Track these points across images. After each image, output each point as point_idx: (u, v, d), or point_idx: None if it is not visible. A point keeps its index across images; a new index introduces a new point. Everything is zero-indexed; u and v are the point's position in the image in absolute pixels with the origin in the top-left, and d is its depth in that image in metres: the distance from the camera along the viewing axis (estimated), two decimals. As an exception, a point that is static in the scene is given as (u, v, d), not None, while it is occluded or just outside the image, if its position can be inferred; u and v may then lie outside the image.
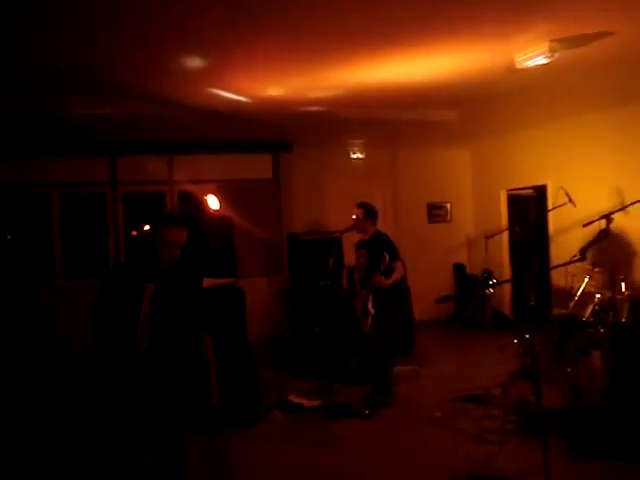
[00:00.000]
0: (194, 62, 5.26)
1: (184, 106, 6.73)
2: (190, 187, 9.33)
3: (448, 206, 11.55)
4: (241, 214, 8.86)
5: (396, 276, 6.45)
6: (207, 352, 4.13)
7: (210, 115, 7.22)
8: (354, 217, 6.66)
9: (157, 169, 9.58)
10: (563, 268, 6.27)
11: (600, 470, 4.63)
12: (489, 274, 10.01)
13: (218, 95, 6.37)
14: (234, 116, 7.36)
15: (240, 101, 6.64)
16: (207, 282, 6.48)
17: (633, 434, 4.98)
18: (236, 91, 6.30)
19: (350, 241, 7.25)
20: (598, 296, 6.21)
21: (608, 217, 5.42)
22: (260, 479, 4.90)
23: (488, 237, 10.11)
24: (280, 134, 9.50)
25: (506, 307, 10.41)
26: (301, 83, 6.16)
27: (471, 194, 11.63)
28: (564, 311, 6.78)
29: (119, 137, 8.86)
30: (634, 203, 5.87)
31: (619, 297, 6.00)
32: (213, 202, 7.23)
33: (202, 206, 7.71)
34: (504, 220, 10.79)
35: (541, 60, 5.32)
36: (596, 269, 6.44)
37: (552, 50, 5.13)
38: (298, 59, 5.35)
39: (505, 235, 10.68)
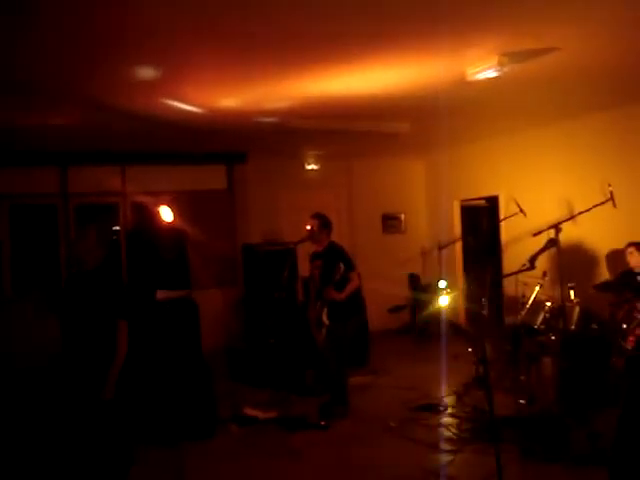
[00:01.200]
0: (145, 72, 5.20)
1: (136, 116, 6.66)
2: (143, 198, 9.21)
3: (402, 217, 11.65)
4: (195, 225, 8.78)
5: (351, 287, 6.47)
6: (119, 342, 4.14)
7: (163, 126, 7.16)
8: (308, 228, 6.67)
9: (109, 180, 9.44)
10: (515, 277, 6.39)
11: (551, 474, 4.70)
12: (443, 284, 10.10)
13: (171, 106, 6.32)
14: (188, 127, 7.31)
15: (193, 112, 6.60)
16: (161, 295, 6.42)
17: (581, 438, 5.09)
18: (189, 102, 6.26)
19: (305, 252, 7.26)
20: (549, 304, 6.34)
21: (557, 227, 5.54)
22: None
23: (442, 247, 10.24)
24: (235, 145, 9.47)
25: (460, 316, 10.53)
26: (255, 94, 6.15)
27: (425, 205, 11.76)
28: (516, 319, 6.90)
29: (70, 147, 8.71)
30: (582, 213, 6.00)
31: (569, 305, 6.12)
32: (166, 214, 7.15)
33: (155, 218, 7.61)
34: (457, 230, 10.93)
35: (491, 73, 5.43)
36: (546, 278, 6.57)
37: (501, 64, 5.23)
38: (251, 70, 5.34)
39: (458, 245, 10.83)
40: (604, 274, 7.58)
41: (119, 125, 7.16)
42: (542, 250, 5.53)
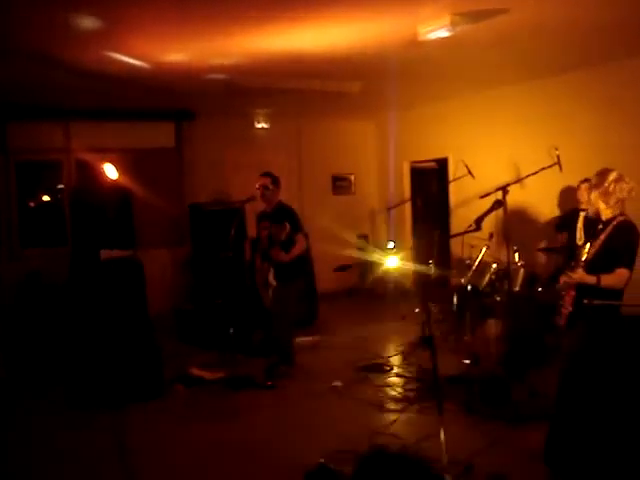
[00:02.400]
0: (85, 22, 4.96)
1: (79, 70, 6.40)
2: (88, 156, 8.93)
3: (352, 178, 11.61)
4: (142, 184, 8.57)
5: (297, 249, 6.43)
6: None
7: (109, 80, 6.91)
8: (259, 186, 6.58)
9: (53, 136, 9.12)
10: (462, 239, 6.43)
11: (492, 432, 4.79)
12: (391, 245, 10.16)
13: (116, 59, 6.08)
14: (134, 82, 7.07)
15: (139, 66, 6.38)
16: (105, 254, 6.27)
17: (523, 396, 5.21)
18: (134, 55, 6.03)
19: (253, 211, 7.18)
20: (494, 266, 6.41)
21: (504, 189, 5.56)
22: (160, 454, 4.77)
23: (390, 208, 10.29)
24: (183, 102, 9.23)
25: (407, 277, 10.62)
26: (202, 49, 5.97)
27: (375, 166, 11.74)
28: (463, 281, 6.97)
29: (10, 101, 8.35)
30: (529, 175, 6.05)
31: (513, 267, 6.20)
32: (111, 171, 6.93)
33: (100, 175, 7.40)
34: (406, 192, 10.98)
35: (443, 33, 5.38)
36: (493, 240, 6.64)
37: (453, 24, 5.18)
38: (197, 23, 5.16)
39: (407, 207, 10.89)
40: (547, 236, 7.71)
41: (62, 79, 6.88)
42: (489, 211, 5.55)
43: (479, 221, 5.34)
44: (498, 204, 5.40)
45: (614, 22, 5.52)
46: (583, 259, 3.87)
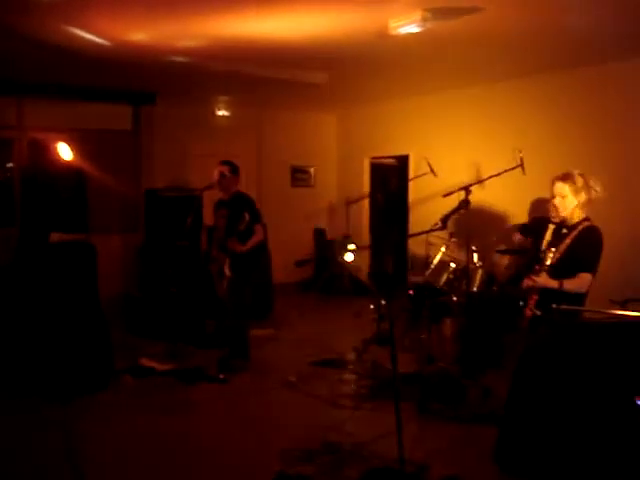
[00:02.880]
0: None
1: (37, 43, 6.14)
2: (42, 134, 8.63)
3: (312, 170, 11.52)
4: (97, 166, 8.34)
5: (255, 240, 6.33)
6: None
7: (67, 56, 6.65)
8: (217, 174, 6.45)
9: (4, 112, 8.78)
10: (421, 237, 6.41)
11: (446, 432, 4.77)
12: (348, 240, 10.11)
13: (75, 34, 5.85)
14: (93, 60, 6.82)
15: (100, 44, 6.15)
16: (55, 237, 6.06)
17: (477, 397, 5.21)
18: (95, 32, 5.82)
19: (211, 200, 7.04)
20: (453, 265, 6.40)
21: (467, 189, 5.55)
22: (106, 448, 4.60)
23: (349, 203, 10.26)
24: (143, 85, 8.99)
25: (363, 273, 10.59)
26: (167, 30, 5.77)
27: (335, 160, 11.67)
28: (420, 279, 6.96)
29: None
30: (492, 177, 6.05)
31: (472, 267, 6.20)
32: (65, 151, 6.71)
33: (53, 155, 7.15)
34: (366, 187, 10.94)
35: (413, 28, 5.33)
36: (452, 239, 6.63)
37: (424, 19, 5.13)
38: (163, 3, 4.99)
39: (366, 202, 10.85)
40: (507, 238, 7.74)
41: (16, 50, 6.60)
42: (455, 210, 5.53)
43: (445, 220, 5.31)
44: (465, 203, 5.38)
45: (583, 29, 5.55)
46: (548, 263, 3.86)
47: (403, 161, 10.16)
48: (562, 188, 4.01)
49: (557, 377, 3.85)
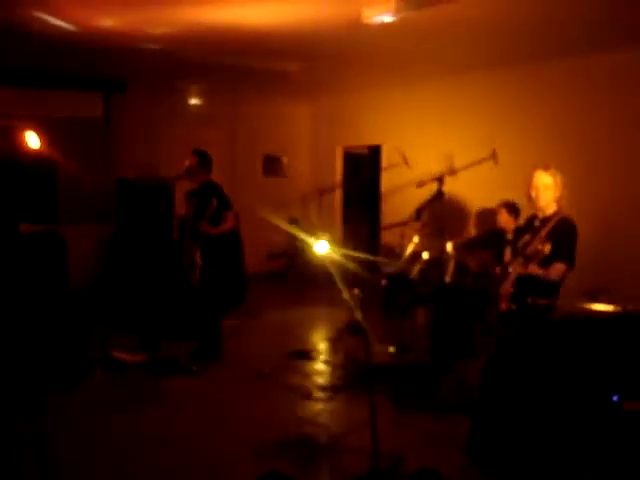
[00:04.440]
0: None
1: (3, 29, 6.00)
2: (9, 122, 8.43)
3: (285, 160, 11.45)
4: (66, 155, 8.17)
5: (226, 226, 6.30)
6: None
7: (35, 43, 6.51)
8: (187, 163, 6.40)
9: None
10: (396, 228, 6.41)
11: (419, 423, 4.79)
12: (321, 230, 10.08)
13: (43, 19, 5.71)
14: (62, 47, 6.69)
15: (69, 30, 6.02)
16: (25, 228, 5.94)
17: (450, 387, 5.23)
18: (64, 18, 5.69)
19: (183, 189, 6.96)
20: (425, 256, 6.40)
21: (441, 179, 5.55)
22: (76, 445, 4.50)
23: (322, 193, 10.21)
24: (114, 72, 8.84)
25: (336, 263, 10.56)
26: (139, 16, 5.68)
27: (308, 149, 11.62)
28: (392, 269, 6.96)
29: None
30: (465, 167, 6.06)
31: (445, 257, 6.21)
32: (33, 140, 6.56)
33: (20, 144, 6.99)
34: (338, 177, 10.92)
35: (387, 17, 5.31)
36: (425, 230, 6.63)
37: (398, 8, 5.11)
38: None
39: (339, 192, 10.83)
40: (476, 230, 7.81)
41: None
42: (429, 202, 5.53)
43: (420, 211, 5.30)
44: (439, 195, 5.38)
45: (559, 20, 5.57)
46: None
47: (375, 151, 10.15)
48: (545, 178, 4.02)
49: (530, 373, 3.87)
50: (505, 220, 6.61)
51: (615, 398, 3.48)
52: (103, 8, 5.46)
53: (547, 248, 3.67)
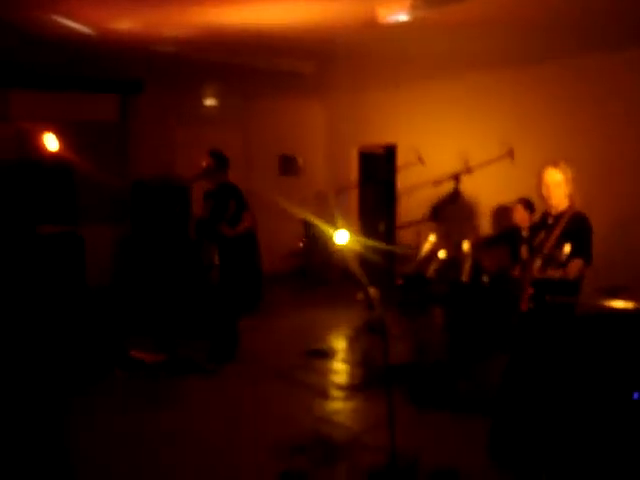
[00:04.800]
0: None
1: (20, 33, 6.05)
2: (28, 126, 8.50)
3: (300, 159, 11.47)
4: (84, 158, 8.23)
5: (243, 226, 6.33)
6: None
7: (53, 46, 6.56)
8: (204, 164, 6.42)
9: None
10: (410, 227, 6.40)
11: (438, 422, 4.79)
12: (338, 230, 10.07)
13: (61, 24, 5.76)
14: (79, 50, 6.74)
15: (85, 33, 6.06)
16: (44, 229, 6.00)
17: (467, 386, 5.22)
18: (80, 21, 5.72)
19: (199, 190, 7.00)
20: (441, 255, 6.39)
21: (457, 178, 5.53)
22: (97, 445, 4.53)
23: (338, 193, 10.21)
24: (130, 74, 8.89)
25: (352, 262, 10.55)
26: (154, 19, 5.69)
27: (323, 149, 11.62)
28: (409, 268, 6.95)
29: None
30: (481, 165, 6.02)
31: (461, 256, 6.20)
32: (51, 142, 6.61)
33: (39, 146, 7.05)
34: (354, 176, 10.90)
35: (402, 16, 5.29)
36: (441, 228, 6.62)
37: (414, 7, 5.09)
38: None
39: (355, 192, 10.82)
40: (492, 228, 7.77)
41: (1, 42, 6.50)
42: (446, 202, 5.51)
43: (436, 210, 5.28)
44: (456, 194, 5.37)
45: (574, 17, 5.53)
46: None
47: (390, 150, 10.12)
48: (556, 175, 3.99)
49: (551, 372, 3.86)
50: (521, 217, 6.53)
51: (636, 396, 3.46)
52: (118, 10, 5.49)
53: (567, 249, 3.63)
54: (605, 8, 5.25)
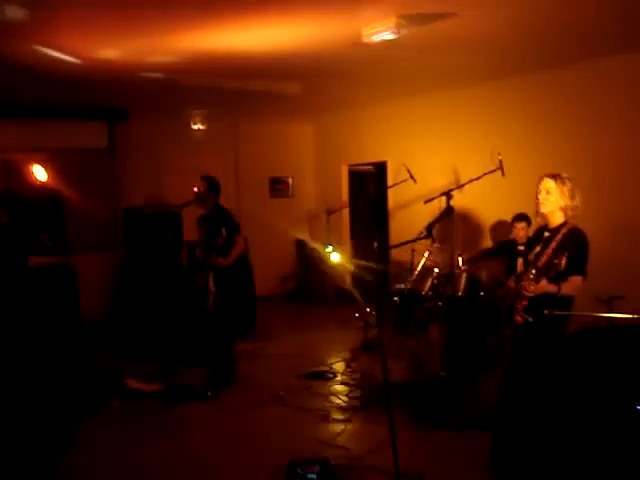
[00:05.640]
0: (13, 12, 4.65)
1: (6, 64, 6.04)
2: (14, 156, 8.47)
3: (290, 181, 11.48)
4: (72, 186, 8.21)
5: (236, 251, 6.33)
6: None
7: (38, 76, 6.54)
8: (195, 190, 6.43)
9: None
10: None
11: (438, 440, 4.75)
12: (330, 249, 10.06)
13: (45, 54, 5.75)
14: (65, 79, 6.73)
15: (69, 62, 6.06)
16: (34, 260, 5.95)
17: (467, 403, 5.18)
18: (65, 51, 5.72)
19: (191, 215, 6.98)
20: (437, 271, 6.38)
21: (448, 194, 5.53)
22: (94, 475, 4.48)
23: (330, 212, 10.19)
24: (116, 101, 8.89)
25: (347, 282, 10.54)
26: (139, 46, 5.69)
27: (313, 169, 11.64)
28: (404, 286, 6.93)
29: None
30: (472, 180, 6.03)
31: (457, 272, 6.18)
32: (39, 173, 6.61)
33: (27, 177, 7.03)
34: (345, 196, 10.91)
35: (387, 36, 5.30)
36: (435, 245, 6.61)
37: (398, 26, 5.11)
38: (135, 20, 4.91)
39: (346, 210, 10.82)
40: (488, 243, 7.76)
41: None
42: (440, 218, 5.49)
43: (430, 227, 5.27)
44: (449, 210, 5.36)
45: (556, 30, 5.57)
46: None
47: (380, 168, 10.14)
48: (549, 183, 3.98)
49: (549, 384, 3.82)
50: (523, 233, 6.45)
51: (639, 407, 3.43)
52: (103, 40, 5.48)
53: (563, 262, 3.63)
54: (586, 23, 5.30)
